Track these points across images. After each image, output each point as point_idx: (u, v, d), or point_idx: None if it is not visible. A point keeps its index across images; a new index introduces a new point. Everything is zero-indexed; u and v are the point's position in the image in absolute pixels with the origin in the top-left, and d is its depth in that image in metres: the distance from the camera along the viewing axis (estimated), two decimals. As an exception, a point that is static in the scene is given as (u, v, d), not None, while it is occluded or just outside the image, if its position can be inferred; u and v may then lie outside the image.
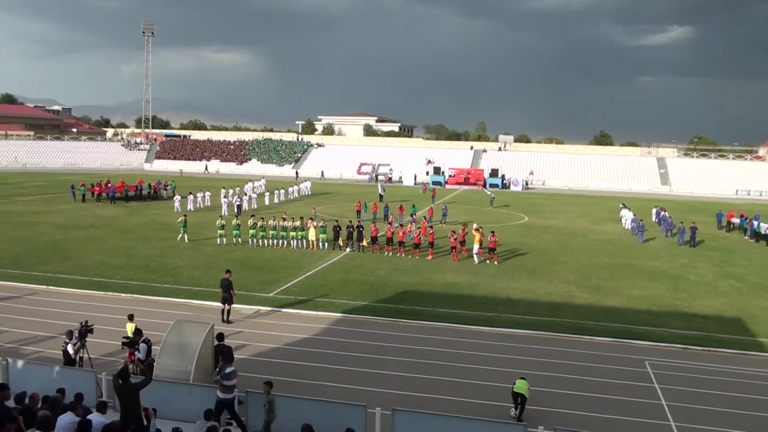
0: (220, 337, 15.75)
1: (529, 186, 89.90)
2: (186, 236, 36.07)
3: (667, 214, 48.51)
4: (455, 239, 32.66)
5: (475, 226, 34.64)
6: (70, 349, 15.18)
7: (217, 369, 13.64)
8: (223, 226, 35.87)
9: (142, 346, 15.44)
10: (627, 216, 48.64)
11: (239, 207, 48.46)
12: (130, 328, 16.80)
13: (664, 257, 35.93)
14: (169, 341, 15.09)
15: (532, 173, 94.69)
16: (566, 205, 64.45)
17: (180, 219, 36.76)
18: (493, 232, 33.81)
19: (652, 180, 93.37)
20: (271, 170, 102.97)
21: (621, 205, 54.02)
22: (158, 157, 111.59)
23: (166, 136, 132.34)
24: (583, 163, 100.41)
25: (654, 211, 52.85)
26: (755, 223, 44.40)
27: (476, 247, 32.15)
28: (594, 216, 55.26)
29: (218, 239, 35.70)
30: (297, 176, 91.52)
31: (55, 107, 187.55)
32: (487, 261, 32.24)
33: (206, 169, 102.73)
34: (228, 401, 13.33)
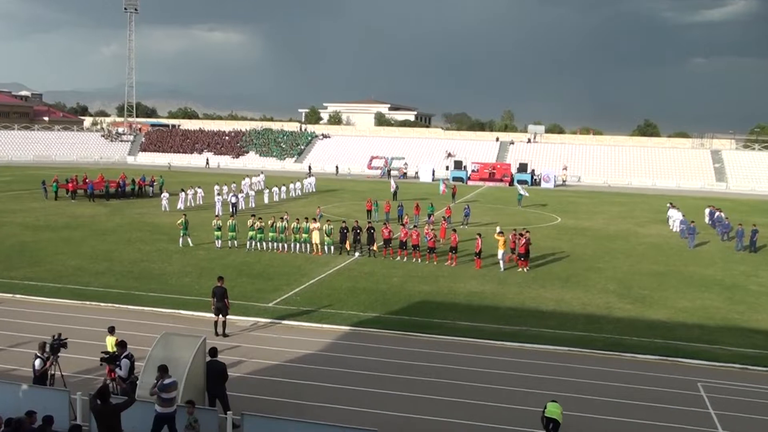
0: (213, 352, 15.77)
1: (567, 183, 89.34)
2: (182, 240, 36.07)
3: (722, 214, 48.09)
4: (513, 244, 32.39)
5: (498, 229, 34.56)
6: (37, 363, 15.22)
7: (155, 380, 13.76)
8: (220, 227, 35.95)
9: (125, 362, 15.48)
10: (675, 217, 48.28)
11: (234, 205, 48.64)
12: (110, 341, 16.85)
13: (718, 264, 35.63)
14: (155, 357, 15.13)
15: (565, 168, 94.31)
16: (605, 205, 64.12)
17: (180, 221, 36.68)
18: (527, 230, 33.63)
19: (706, 176, 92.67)
20: (271, 164, 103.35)
21: (669, 205, 53.64)
22: (143, 150, 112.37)
23: (152, 125, 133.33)
24: (625, 156, 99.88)
25: (707, 211, 52.44)
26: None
27: (501, 252, 32.11)
28: (637, 217, 54.94)
29: (215, 242, 35.81)
30: (310, 171, 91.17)
31: (24, 93, 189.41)
32: (521, 269, 32.13)
33: (207, 163, 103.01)
34: (168, 416, 13.43)
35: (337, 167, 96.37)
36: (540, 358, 20.28)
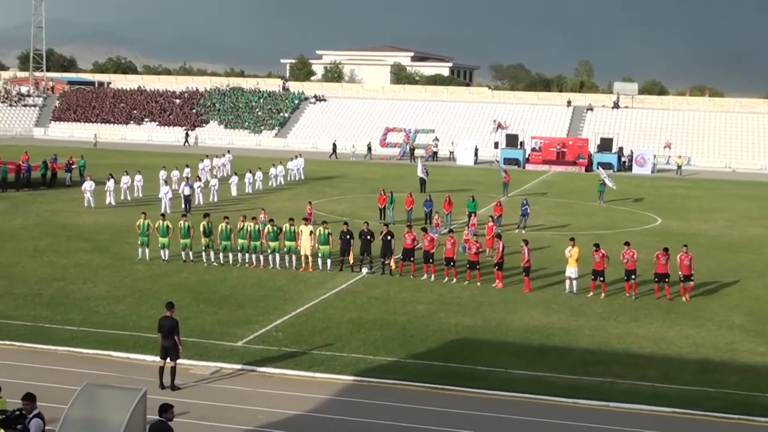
0: (165, 409, 15.76)
1: (680, 168, 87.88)
2: (141, 250, 35.98)
3: None
4: (600, 260, 31.62)
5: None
6: None
7: None
8: (167, 230, 35.88)
9: (36, 422, 15.54)
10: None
11: (188, 199, 48.62)
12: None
13: None
14: (74, 417, 15.21)
15: (668, 146, 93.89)
16: (727, 199, 64.01)
17: (139, 222, 36.05)
18: (685, 246, 33.07)
19: None
20: (242, 139, 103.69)
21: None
22: (57, 118, 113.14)
23: (71, 82, 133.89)
24: (757, 128, 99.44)
25: None
26: None
27: (573, 270, 31.71)
28: (774, 217, 54.67)
29: (161, 252, 35.81)
30: (334, 151, 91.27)
31: None
32: (685, 298, 31.94)
33: (186, 138, 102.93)
34: None
35: (369, 146, 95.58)
36: (632, 424, 20.21)
